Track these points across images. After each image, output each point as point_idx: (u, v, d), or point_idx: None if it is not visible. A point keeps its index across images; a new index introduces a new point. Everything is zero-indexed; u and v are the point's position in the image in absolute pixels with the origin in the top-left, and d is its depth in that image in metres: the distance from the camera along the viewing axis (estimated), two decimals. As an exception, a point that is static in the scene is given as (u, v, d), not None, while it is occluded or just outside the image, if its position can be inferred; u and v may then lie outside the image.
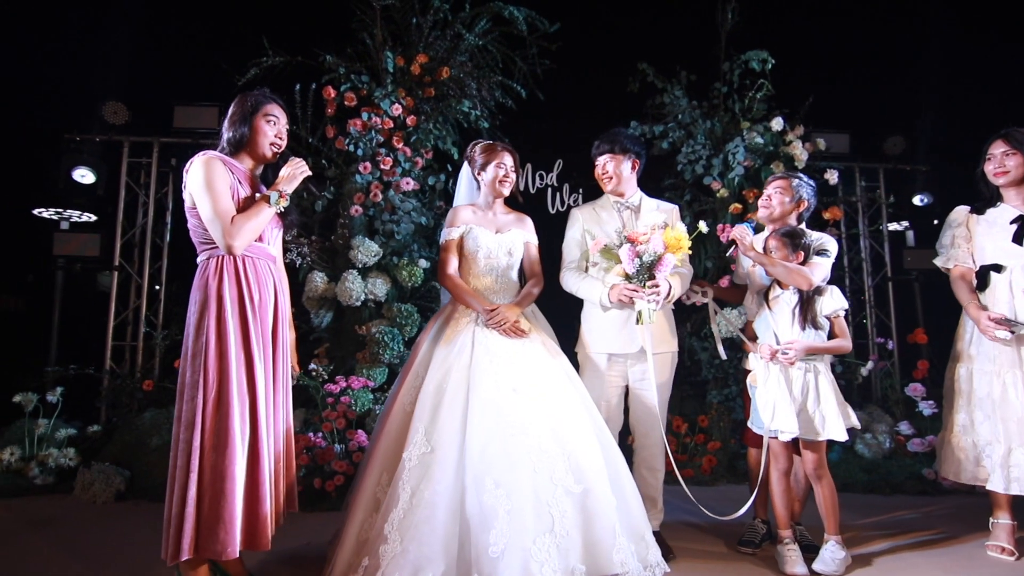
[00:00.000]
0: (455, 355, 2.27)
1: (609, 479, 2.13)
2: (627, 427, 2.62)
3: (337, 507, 2.79)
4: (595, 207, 2.65)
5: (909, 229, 5.13)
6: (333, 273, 3.81)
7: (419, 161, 3.90)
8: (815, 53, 4.61)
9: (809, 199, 2.50)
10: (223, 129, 2.19)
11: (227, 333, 1.98)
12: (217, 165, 2.04)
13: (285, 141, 2.26)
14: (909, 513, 3.05)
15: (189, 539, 1.85)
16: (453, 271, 2.50)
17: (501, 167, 2.54)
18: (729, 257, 2.56)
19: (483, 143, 2.62)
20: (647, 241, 2.32)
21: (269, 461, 2.03)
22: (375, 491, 2.13)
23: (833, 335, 2.34)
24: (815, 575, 2.24)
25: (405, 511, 1.96)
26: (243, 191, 2.11)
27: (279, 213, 2.23)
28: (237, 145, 2.17)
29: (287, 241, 3.68)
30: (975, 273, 2.57)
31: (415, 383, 2.29)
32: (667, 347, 2.53)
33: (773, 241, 2.39)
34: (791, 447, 2.39)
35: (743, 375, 2.54)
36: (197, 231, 2.08)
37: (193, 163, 2.04)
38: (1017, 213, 2.49)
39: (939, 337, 3.25)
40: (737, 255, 2.56)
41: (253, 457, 1.97)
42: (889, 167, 4.90)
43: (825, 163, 4.26)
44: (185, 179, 2.07)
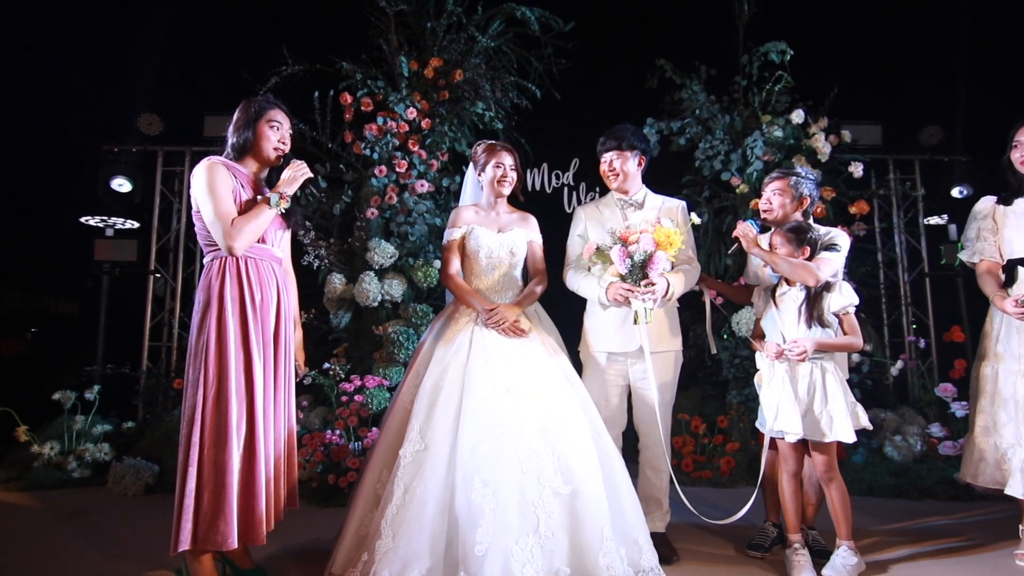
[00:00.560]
0: (452, 354, 2.29)
1: (604, 481, 2.10)
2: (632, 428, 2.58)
3: (350, 503, 2.85)
4: (598, 205, 2.63)
5: (951, 223, 4.88)
6: (351, 275, 3.90)
7: (434, 163, 3.95)
8: (842, 43, 4.44)
9: (811, 194, 2.42)
10: (228, 134, 2.26)
11: (227, 332, 2.04)
12: (219, 170, 2.12)
13: (289, 145, 2.32)
14: (937, 519, 2.90)
15: (188, 531, 1.92)
16: (454, 271, 2.52)
17: (500, 167, 2.54)
18: (732, 255, 2.49)
19: (485, 143, 2.62)
20: (637, 241, 2.28)
21: (266, 457, 2.07)
22: (375, 487, 2.16)
23: (844, 333, 2.25)
24: (824, 582, 2.16)
25: (398, 507, 1.98)
26: (245, 194, 2.18)
27: (283, 216, 2.29)
28: (241, 150, 2.23)
29: (305, 244, 3.80)
30: (1002, 267, 2.43)
31: (415, 381, 2.32)
32: (669, 346, 2.48)
33: (777, 237, 2.31)
34: (801, 448, 2.31)
35: None
36: (202, 234, 2.15)
37: (197, 168, 2.12)
38: None
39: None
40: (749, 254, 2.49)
41: (249, 453, 2.02)
42: (925, 158, 4.68)
43: (855, 155, 4.11)
44: (191, 184, 2.15)
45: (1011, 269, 2.40)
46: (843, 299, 2.20)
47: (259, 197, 2.18)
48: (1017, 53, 4.46)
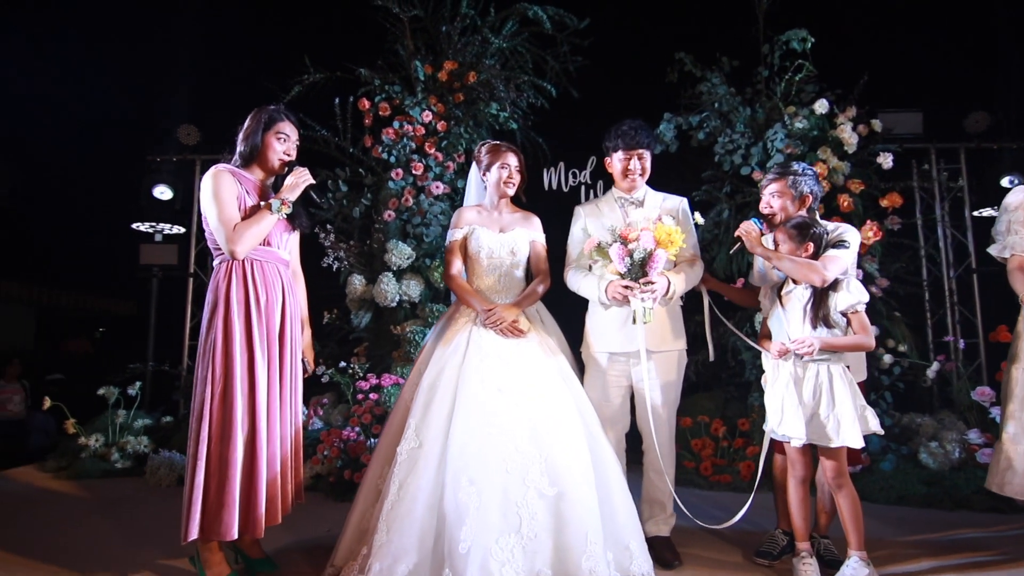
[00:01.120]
0: (450, 354, 2.31)
1: (597, 484, 2.08)
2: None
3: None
4: (598, 203, 2.60)
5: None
6: (371, 276, 3.99)
7: (450, 165, 4.00)
8: (874, 27, 4.23)
9: (812, 190, 2.31)
10: (238, 141, 2.35)
11: (232, 333, 2.13)
12: (224, 177, 2.21)
13: (295, 156, 2.39)
14: (970, 531, 2.72)
15: (197, 521, 2.03)
16: (456, 272, 2.55)
17: (505, 168, 2.54)
18: (733, 255, 2.41)
19: (489, 144, 2.63)
20: (637, 239, 2.24)
21: (270, 454, 2.15)
22: (377, 482, 2.21)
23: (854, 333, 2.14)
24: (833, 593, 2.08)
25: (392, 503, 2.02)
26: (250, 200, 2.26)
27: (288, 218, 2.37)
28: (248, 158, 2.33)
29: (326, 247, 3.92)
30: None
31: (416, 380, 2.36)
32: (671, 346, 2.43)
33: (780, 234, 2.23)
34: (810, 453, 2.22)
35: None
36: (211, 239, 2.26)
37: (204, 176, 2.23)
38: None
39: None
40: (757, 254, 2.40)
41: (250, 448, 2.11)
42: (971, 146, 4.39)
43: (890, 145, 3.90)
44: (200, 191, 2.26)
45: (1044, 265, 2.23)
46: (851, 297, 2.10)
47: (262, 203, 2.27)
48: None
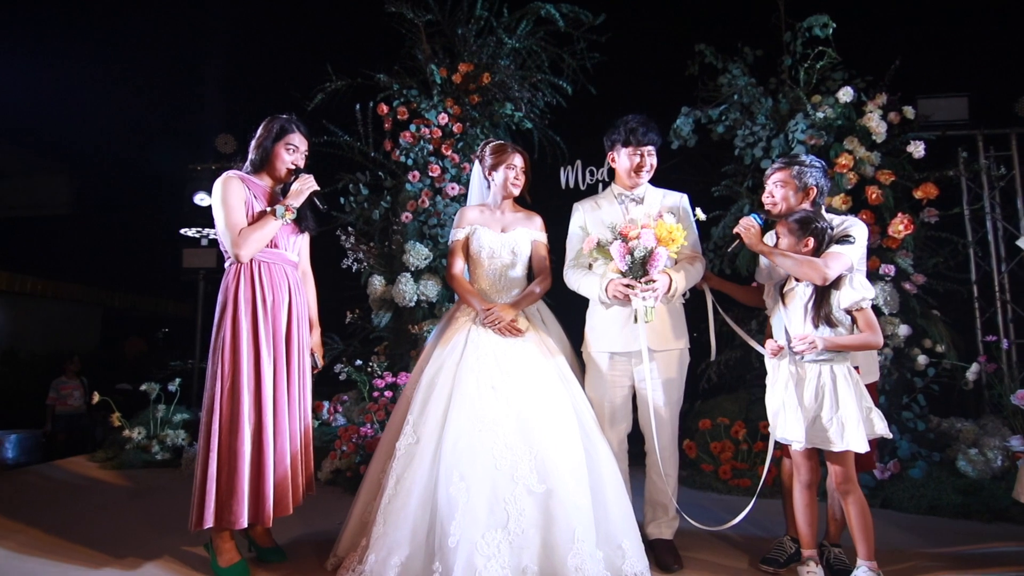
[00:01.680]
0: (448, 352, 2.35)
1: (591, 483, 2.08)
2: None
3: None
4: (597, 199, 2.57)
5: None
6: (391, 276, 4.08)
7: (467, 167, 4.03)
8: (910, 9, 3.99)
9: (818, 183, 2.20)
10: (250, 148, 2.46)
11: (240, 331, 2.24)
12: (233, 183, 2.32)
13: (302, 165, 2.48)
14: (1006, 545, 2.53)
15: (211, 510, 2.13)
16: (457, 271, 2.58)
17: (512, 168, 2.55)
18: (730, 253, 2.34)
19: (493, 143, 2.64)
20: (637, 236, 2.20)
21: (278, 447, 2.25)
22: (379, 476, 2.27)
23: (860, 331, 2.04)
24: (839, 604, 1.99)
25: (390, 497, 2.08)
26: (258, 205, 2.37)
27: (296, 222, 2.46)
28: (259, 165, 2.43)
29: (347, 248, 4.03)
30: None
31: (416, 378, 2.41)
32: (673, 345, 2.38)
33: (781, 228, 2.15)
34: (816, 457, 2.13)
35: None
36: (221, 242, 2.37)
37: (216, 181, 2.34)
38: None
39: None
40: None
41: (257, 441, 2.21)
42: (1022, 132, 4.08)
43: (934, 133, 3.69)
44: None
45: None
46: (854, 293, 2.00)
47: (267, 209, 2.36)
48: None
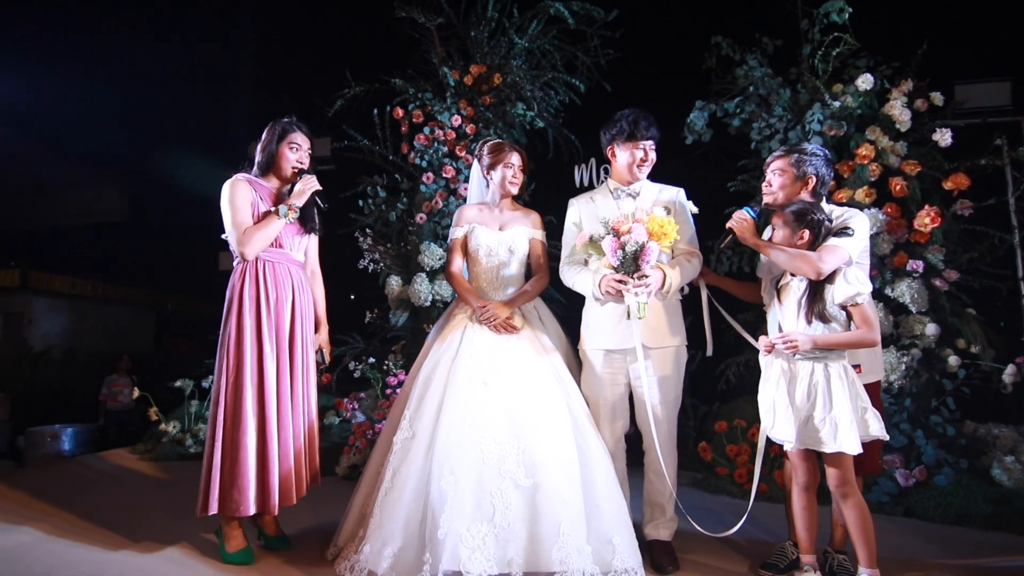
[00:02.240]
0: (444, 349, 2.39)
1: (583, 479, 2.08)
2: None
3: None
4: (592, 195, 2.55)
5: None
6: (407, 277, 4.16)
7: (480, 167, 4.07)
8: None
9: (819, 172, 2.12)
10: (256, 152, 2.57)
11: (244, 328, 2.34)
12: (240, 185, 2.43)
13: (307, 164, 2.58)
14: (1036, 558, 2.37)
15: (215, 498, 2.24)
16: (456, 269, 2.61)
17: (509, 167, 2.57)
18: (721, 249, 2.28)
19: (491, 142, 2.67)
20: (628, 231, 2.18)
21: (282, 440, 2.33)
22: (378, 469, 2.32)
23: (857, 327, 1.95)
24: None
25: (386, 490, 2.13)
26: (265, 206, 2.47)
27: (302, 223, 2.56)
28: (265, 167, 2.54)
29: (364, 249, 4.14)
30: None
31: (415, 373, 2.46)
32: (669, 342, 2.34)
33: (776, 219, 2.08)
34: (814, 458, 2.05)
35: None
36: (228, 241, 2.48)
37: (224, 184, 2.45)
38: None
39: None
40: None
41: (261, 433, 2.30)
42: (1072, 116, 3.81)
43: (973, 120, 3.50)
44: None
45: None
46: (849, 288, 1.92)
47: (271, 209, 2.46)
48: None
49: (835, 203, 2.94)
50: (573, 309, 2.65)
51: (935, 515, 2.78)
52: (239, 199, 2.40)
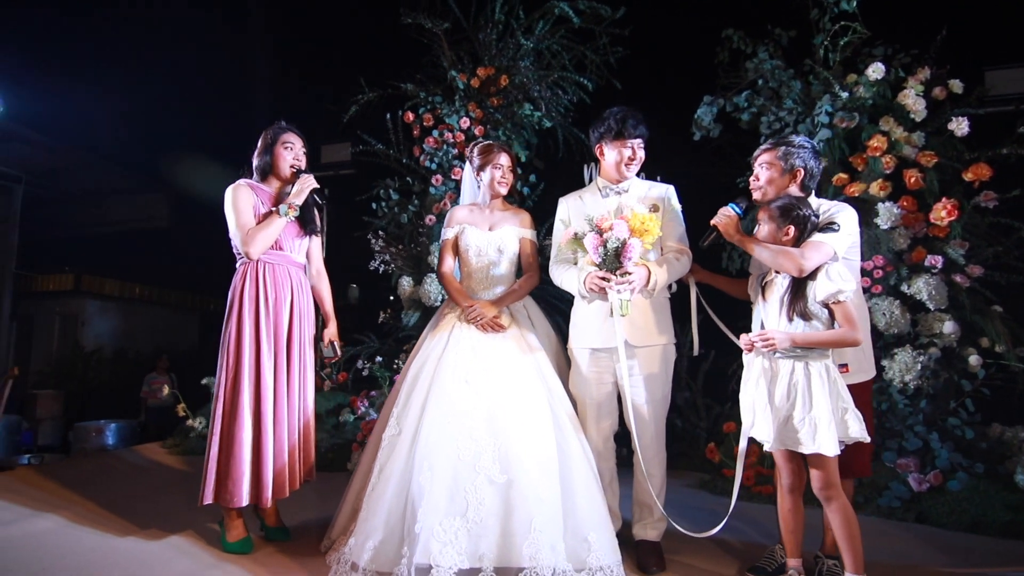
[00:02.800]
0: (432, 347, 2.43)
1: (561, 477, 2.08)
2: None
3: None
4: (581, 193, 2.55)
5: None
6: (419, 277, 4.24)
7: (489, 169, 4.11)
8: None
9: (807, 164, 2.06)
10: (253, 159, 2.68)
11: (244, 327, 2.45)
12: (242, 190, 2.54)
13: (303, 162, 2.67)
14: (1056, 569, 2.23)
15: (210, 488, 2.35)
16: (447, 269, 2.65)
17: (498, 168, 2.60)
18: (704, 247, 2.23)
19: (481, 144, 2.70)
20: (610, 228, 2.17)
21: (277, 435, 2.42)
22: (370, 465, 2.38)
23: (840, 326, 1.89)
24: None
25: (373, 485, 2.19)
26: (265, 208, 2.57)
27: (302, 225, 2.65)
28: (264, 171, 2.65)
29: (376, 250, 4.24)
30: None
31: (405, 372, 2.51)
32: (656, 340, 2.31)
33: (762, 215, 2.03)
34: (798, 459, 1.99)
35: None
36: (233, 243, 2.59)
37: (227, 190, 2.57)
38: None
39: None
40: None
41: (256, 428, 2.40)
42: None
43: (994, 107, 3.32)
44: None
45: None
46: (830, 285, 1.85)
47: (272, 209, 2.56)
48: None
49: (847, 196, 2.84)
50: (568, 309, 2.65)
51: (948, 522, 2.65)
52: (241, 203, 2.51)
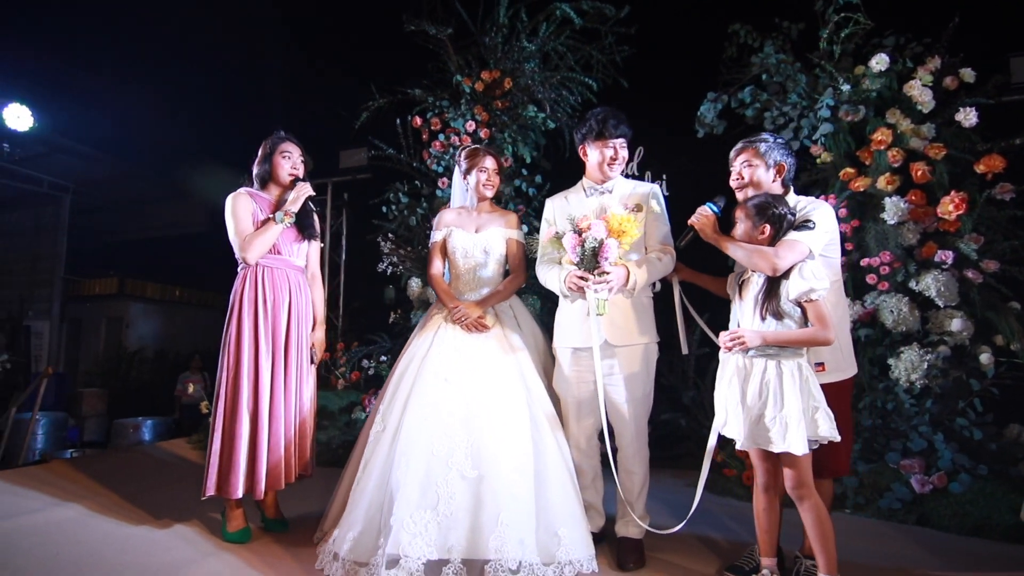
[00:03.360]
0: (418, 347, 2.50)
1: (536, 473, 2.12)
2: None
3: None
4: (567, 193, 2.57)
5: None
6: (426, 278, 4.32)
7: (494, 171, 4.16)
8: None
9: (784, 159, 2.03)
10: (253, 168, 2.80)
11: (243, 329, 2.57)
12: (241, 198, 2.66)
13: (301, 170, 2.79)
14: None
15: (212, 481, 2.48)
16: (435, 271, 2.72)
17: (483, 171, 2.66)
18: (681, 247, 2.22)
19: (468, 148, 2.76)
20: (588, 227, 2.19)
21: (273, 432, 2.53)
22: (359, 461, 2.48)
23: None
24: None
25: (358, 479, 2.28)
26: (263, 215, 2.69)
27: (300, 231, 2.76)
28: (263, 179, 2.77)
29: (384, 252, 4.34)
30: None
31: (394, 370, 2.58)
32: (637, 340, 2.31)
33: (739, 213, 2.01)
34: (773, 458, 1.96)
35: None
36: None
37: (227, 198, 2.70)
38: None
39: None
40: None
41: (254, 425, 2.51)
42: None
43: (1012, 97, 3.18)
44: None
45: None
46: (803, 283, 1.83)
47: (270, 216, 2.67)
48: None
49: (852, 192, 2.75)
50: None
51: (951, 525, 2.55)
52: (240, 210, 2.63)
